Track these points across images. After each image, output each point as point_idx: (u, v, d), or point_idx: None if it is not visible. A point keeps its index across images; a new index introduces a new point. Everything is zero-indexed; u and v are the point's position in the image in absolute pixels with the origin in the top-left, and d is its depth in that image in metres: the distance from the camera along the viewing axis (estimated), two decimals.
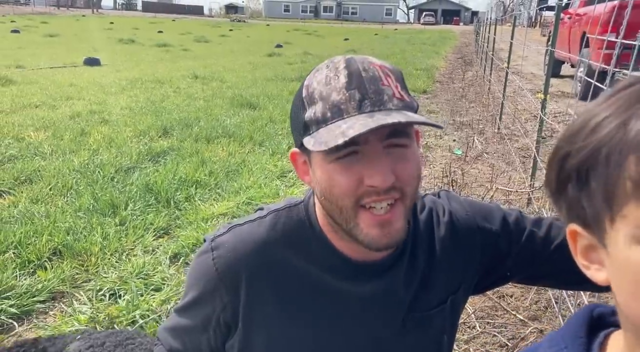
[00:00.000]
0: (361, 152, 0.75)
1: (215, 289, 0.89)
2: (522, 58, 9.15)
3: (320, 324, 0.89)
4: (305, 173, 0.86)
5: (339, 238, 0.87)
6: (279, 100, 7.90)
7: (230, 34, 31.70)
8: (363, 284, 0.89)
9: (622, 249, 0.44)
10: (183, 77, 10.61)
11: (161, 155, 4.80)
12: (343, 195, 0.77)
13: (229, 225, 0.95)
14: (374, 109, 0.74)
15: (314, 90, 0.78)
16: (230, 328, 0.93)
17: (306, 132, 0.78)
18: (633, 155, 0.41)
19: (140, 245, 2.99)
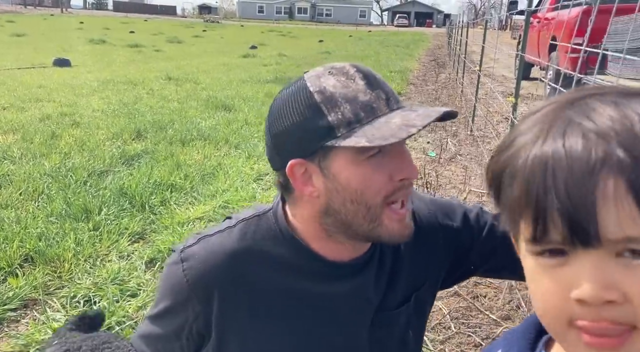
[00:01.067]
0: (387, 149, 0.78)
1: (187, 300, 0.89)
2: (493, 61, 9.34)
3: (293, 327, 0.91)
4: (305, 184, 0.84)
5: (321, 241, 0.88)
6: (255, 102, 7.88)
7: (203, 34, 31.43)
8: (336, 283, 0.90)
9: (522, 256, 0.50)
10: (156, 79, 10.48)
11: (135, 158, 4.74)
12: (377, 193, 0.79)
13: (198, 236, 0.95)
14: (399, 107, 0.79)
15: (332, 94, 0.78)
16: (204, 337, 0.94)
17: (331, 135, 0.78)
18: (517, 181, 0.46)
19: (115, 250, 2.96)
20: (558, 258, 0.45)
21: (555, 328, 0.47)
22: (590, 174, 0.42)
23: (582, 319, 0.44)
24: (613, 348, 0.43)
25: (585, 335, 0.44)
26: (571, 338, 0.45)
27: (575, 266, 0.44)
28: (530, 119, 0.49)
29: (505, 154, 0.49)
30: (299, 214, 0.90)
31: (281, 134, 0.84)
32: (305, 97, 0.80)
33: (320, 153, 0.80)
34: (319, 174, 0.82)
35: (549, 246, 0.45)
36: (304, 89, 0.82)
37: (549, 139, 0.45)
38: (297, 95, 0.82)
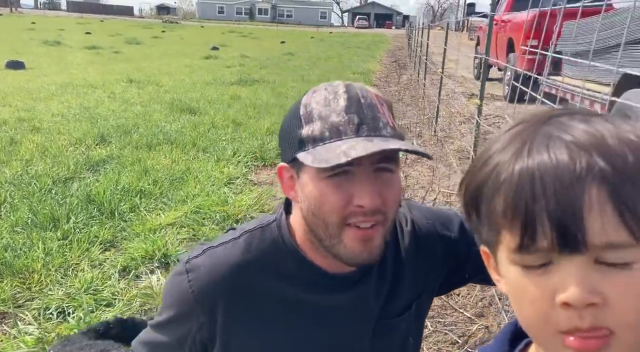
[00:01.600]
0: (352, 172, 0.80)
1: (191, 310, 0.91)
2: (453, 62, 9.55)
3: (297, 337, 0.93)
4: (290, 188, 0.89)
5: (316, 253, 0.91)
6: (220, 105, 7.83)
7: (163, 35, 30.89)
8: (337, 295, 0.93)
9: (504, 268, 0.52)
10: (117, 81, 10.26)
11: (100, 164, 4.65)
12: (331, 212, 0.81)
13: (203, 247, 0.96)
14: (370, 134, 0.79)
15: (312, 110, 0.82)
16: (207, 346, 0.95)
17: (301, 148, 0.82)
18: (500, 195, 0.49)
19: (87, 259, 2.90)
20: (542, 267, 0.48)
21: (541, 336, 0.50)
22: (577, 182, 0.45)
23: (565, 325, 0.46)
24: (596, 350, 0.46)
25: (570, 339, 0.47)
26: (556, 346, 0.48)
27: (560, 272, 0.46)
28: (503, 137, 0.53)
29: (483, 171, 0.52)
30: (296, 219, 0.93)
31: (279, 136, 0.90)
32: (296, 107, 0.86)
33: (297, 162, 0.83)
34: (297, 180, 0.86)
35: (535, 256, 0.47)
36: (299, 99, 0.87)
37: (533, 152, 0.48)
38: (295, 104, 0.87)
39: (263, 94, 9.10)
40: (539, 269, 0.48)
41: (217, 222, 3.44)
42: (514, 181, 0.48)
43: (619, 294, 0.45)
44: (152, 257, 2.92)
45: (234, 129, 6.25)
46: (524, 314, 0.51)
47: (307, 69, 13.42)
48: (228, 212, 3.54)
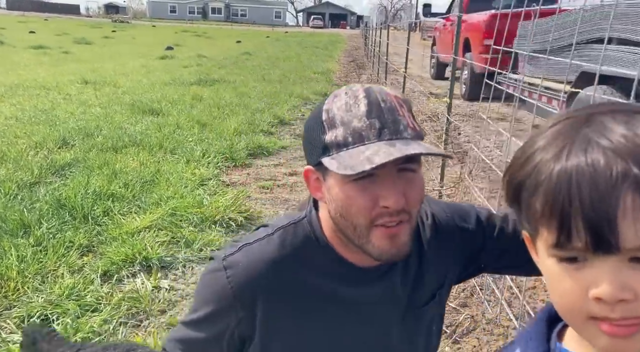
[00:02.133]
0: (376, 175, 0.83)
1: (230, 306, 0.93)
2: (410, 61, 9.75)
3: (332, 329, 0.97)
4: (317, 189, 0.92)
5: (345, 248, 0.95)
6: (183, 105, 7.72)
7: (113, 35, 30.02)
8: (368, 288, 0.98)
9: (542, 257, 0.56)
10: (71, 82, 9.93)
11: (66, 168, 4.51)
12: (358, 214, 0.84)
13: (238, 244, 0.98)
14: (392, 138, 0.82)
15: (334, 115, 0.85)
16: (245, 341, 0.97)
17: (325, 153, 0.85)
18: (539, 194, 0.52)
19: (64, 265, 2.83)
20: (578, 262, 0.51)
21: (575, 322, 0.54)
22: (612, 188, 0.47)
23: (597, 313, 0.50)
24: (627, 336, 0.50)
25: (603, 324, 0.50)
26: (590, 330, 0.51)
27: (594, 269, 0.49)
28: (547, 134, 0.56)
29: (525, 168, 0.56)
30: (324, 216, 0.97)
31: (304, 139, 0.93)
32: (319, 112, 0.88)
33: (322, 165, 0.87)
34: (323, 183, 0.90)
35: (571, 252, 0.51)
36: (321, 104, 0.90)
37: (571, 155, 0.50)
38: (317, 109, 0.90)
39: (225, 94, 9.03)
40: (574, 264, 0.51)
41: (195, 224, 3.42)
42: (553, 182, 0.51)
43: None
44: (133, 260, 2.88)
45: (200, 129, 6.19)
46: (559, 302, 0.54)
47: (267, 69, 13.37)
48: (205, 214, 3.52)
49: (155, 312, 2.47)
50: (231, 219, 3.50)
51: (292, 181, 4.61)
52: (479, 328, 2.24)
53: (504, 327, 2.23)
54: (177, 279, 2.81)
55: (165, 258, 2.96)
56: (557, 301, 0.55)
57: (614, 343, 0.51)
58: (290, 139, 6.24)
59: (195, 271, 2.92)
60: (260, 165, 5.10)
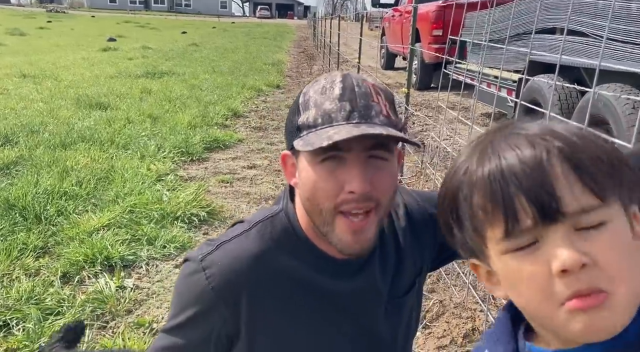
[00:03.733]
0: (344, 159, 0.83)
1: (213, 307, 0.90)
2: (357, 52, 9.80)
3: (316, 323, 0.97)
4: (292, 175, 0.92)
5: (320, 240, 0.93)
6: (132, 99, 7.47)
7: (49, 26, 28.61)
8: (349, 280, 0.97)
9: (497, 264, 0.58)
10: (7, 76, 9.42)
11: (11, 166, 4.29)
12: (324, 198, 0.84)
13: (214, 242, 0.95)
14: (360, 121, 0.82)
15: (309, 98, 0.85)
16: (232, 340, 0.95)
17: (297, 135, 0.85)
18: (477, 192, 0.56)
19: (20, 268, 2.70)
20: (532, 245, 0.53)
21: (546, 314, 0.54)
22: (541, 162, 0.52)
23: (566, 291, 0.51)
24: (599, 305, 0.50)
25: (574, 302, 0.51)
26: (562, 316, 0.52)
27: (549, 243, 0.52)
28: (465, 151, 0.61)
29: (454, 180, 0.59)
30: (299, 210, 0.95)
31: (285, 126, 0.92)
32: (298, 96, 0.89)
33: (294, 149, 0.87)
34: (296, 167, 0.90)
35: (522, 237, 0.53)
36: (302, 89, 0.90)
37: (496, 150, 0.55)
38: (299, 94, 0.90)
39: (175, 86, 8.81)
40: (529, 248, 0.53)
41: (156, 220, 3.33)
42: (486, 176, 0.54)
43: (602, 251, 0.51)
44: (94, 260, 2.78)
45: (152, 123, 6.02)
46: (525, 297, 0.55)
47: (216, 60, 13.13)
48: (166, 210, 3.44)
49: (122, 313, 2.40)
50: (193, 215, 3.44)
51: (251, 174, 4.57)
52: (447, 312, 2.30)
53: (471, 310, 2.31)
54: (141, 278, 2.74)
55: (127, 257, 2.87)
56: (523, 299, 0.56)
57: (588, 321, 0.51)
58: (246, 131, 6.17)
59: (160, 268, 2.85)
60: (217, 159, 5.02)
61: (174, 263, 2.90)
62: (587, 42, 3.90)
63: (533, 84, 4.49)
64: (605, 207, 0.53)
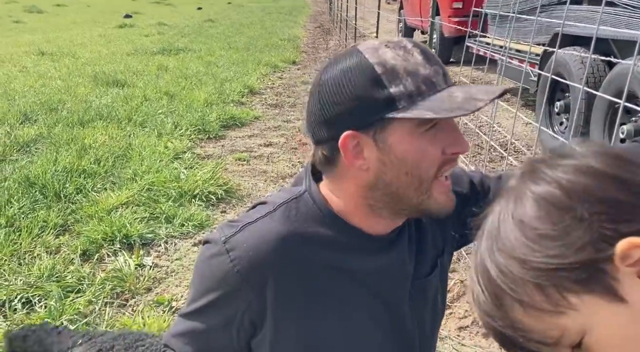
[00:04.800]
0: (438, 124, 0.81)
1: (237, 291, 0.87)
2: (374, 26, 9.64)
3: (348, 304, 0.93)
4: (356, 156, 0.84)
5: (355, 216, 0.90)
6: (149, 76, 7.46)
7: (66, 3, 28.56)
8: (379, 257, 0.94)
9: None
10: (26, 54, 9.47)
11: (31, 144, 4.33)
12: (430, 165, 0.82)
13: (237, 224, 0.91)
14: (452, 84, 0.82)
15: (393, 67, 0.79)
16: (256, 326, 0.91)
17: (390, 107, 0.79)
18: None
19: (41, 246, 2.73)
20: None
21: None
22: None
23: None
24: None
25: None
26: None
27: None
28: None
29: None
30: (341, 189, 0.91)
31: (335, 105, 0.83)
32: (365, 68, 0.81)
33: (377, 125, 0.81)
34: (373, 146, 0.83)
35: None
36: (362, 61, 0.82)
37: None
38: (356, 67, 0.82)
39: (191, 63, 8.76)
40: None
41: (174, 198, 3.33)
42: None
43: None
44: (113, 238, 2.79)
45: (169, 101, 6.01)
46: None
47: (232, 36, 13.00)
48: (183, 188, 3.44)
49: (141, 291, 2.42)
50: (211, 193, 3.43)
51: (268, 152, 4.54)
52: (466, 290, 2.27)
53: None
54: (160, 256, 2.75)
55: (146, 235, 2.89)
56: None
57: None
58: (262, 109, 6.13)
59: (179, 246, 2.86)
60: (234, 136, 5.00)
61: (193, 241, 2.90)
62: (617, 12, 3.74)
63: (557, 57, 4.35)
64: None
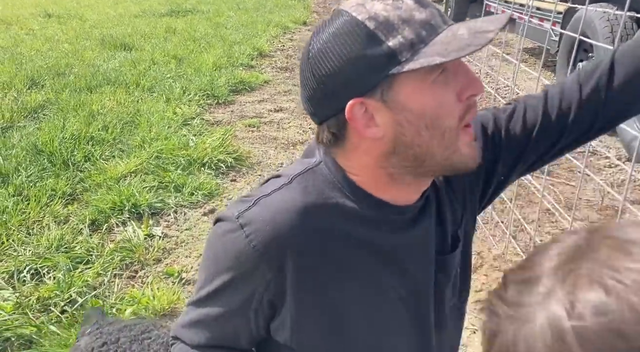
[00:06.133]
0: (447, 69, 0.73)
1: (254, 269, 0.79)
2: None
3: (371, 281, 0.87)
4: (367, 125, 0.76)
5: (376, 189, 0.82)
6: (156, 39, 7.30)
7: None
8: (406, 230, 0.85)
9: None
10: (33, 16, 9.32)
11: (38, 110, 4.26)
12: (449, 115, 0.74)
13: (251, 198, 0.84)
14: (452, 23, 0.74)
15: (387, 18, 0.71)
16: (276, 307, 0.84)
17: (393, 62, 0.71)
18: None
19: (49, 215, 2.69)
20: None
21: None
22: None
23: None
24: None
25: None
26: None
27: None
28: None
29: None
30: (355, 166, 0.82)
31: (332, 75, 0.75)
32: (356, 27, 0.72)
33: (382, 85, 0.73)
34: (383, 109, 0.75)
35: None
36: (350, 20, 0.73)
37: None
38: (344, 28, 0.73)
39: (199, 25, 8.57)
40: None
41: (183, 166, 3.27)
42: None
43: None
44: (122, 208, 2.75)
45: (177, 65, 5.88)
46: None
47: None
48: (192, 156, 3.37)
49: (151, 262, 2.38)
50: (220, 161, 3.36)
51: (278, 117, 4.44)
52: (486, 265, 2.21)
53: (511, 263, 2.20)
54: (169, 226, 2.71)
55: (155, 204, 2.84)
56: None
57: None
58: (272, 72, 5.98)
59: (188, 216, 2.81)
60: (243, 101, 4.89)
61: (202, 211, 2.85)
62: None
63: (582, 15, 4.14)
64: None
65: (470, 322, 1.98)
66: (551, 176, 3.11)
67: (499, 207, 2.66)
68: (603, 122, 0.93)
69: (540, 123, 0.91)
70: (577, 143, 0.96)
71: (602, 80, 0.90)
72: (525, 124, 0.92)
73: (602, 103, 0.91)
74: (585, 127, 0.93)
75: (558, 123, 0.92)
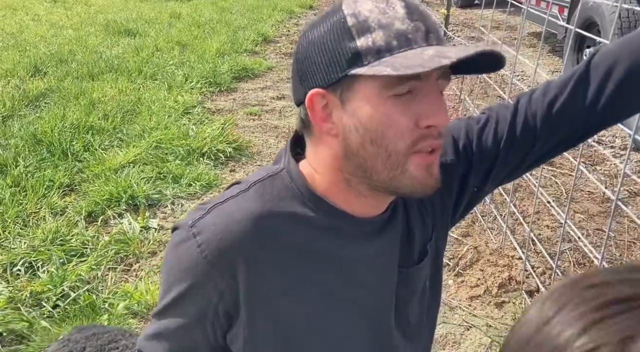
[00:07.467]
0: (416, 90, 0.70)
1: (207, 279, 0.78)
2: None
3: (326, 292, 0.84)
4: (324, 119, 0.75)
5: (343, 196, 0.80)
6: (161, 24, 7.25)
7: None
8: (365, 242, 0.83)
9: None
10: (38, 2, 9.29)
11: (40, 98, 4.25)
12: (398, 137, 0.71)
13: (206, 206, 0.81)
14: (439, 43, 0.70)
15: (367, 18, 0.69)
16: (232, 317, 0.83)
17: (356, 63, 0.69)
18: None
19: (46, 207, 2.69)
20: None
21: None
22: None
23: None
24: None
25: None
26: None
27: None
28: None
29: None
30: (320, 161, 0.80)
31: (306, 60, 0.75)
32: (338, 20, 0.72)
33: (344, 83, 0.71)
34: (339, 107, 0.73)
35: None
36: (338, 12, 0.73)
37: None
38: (330, 18, 0.73)
39: (205, 10, 8.49)
40: None
41: (182, 157, 3.25)
42: None
43: None
44: (119, 199, 2.74)
45: (180, 51, 5.84)
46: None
47: None
48: (192, 146, 3.35)
49: (145, 255, 2.38)
50: (219, 151, 3.33)
51: (280, 105, 4.39)
52: (482, 259, 2.17)
53: (509, 258, 2.16)
54: (166, 218, 2.70)
55: (152, 195, 2.82)
56: None
57: None
58: (276, 58, 5.92)
59: (185, 207, 2.80)
60: (246, 89, 4.84)
61: (200, 202, 2.84)
62: None
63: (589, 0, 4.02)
64: None
65: (464, 319, 1.95)
66: (553, 167, 3.05)
67: (498, 200, 2.61)
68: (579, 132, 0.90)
69: (508, 135, 0.89)
70: (557, 150, 0.93)
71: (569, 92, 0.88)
72: (495, 136, 0.90)
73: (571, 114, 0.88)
74: (556, 138, 0.91)
75: (525, 135, 0.90)
